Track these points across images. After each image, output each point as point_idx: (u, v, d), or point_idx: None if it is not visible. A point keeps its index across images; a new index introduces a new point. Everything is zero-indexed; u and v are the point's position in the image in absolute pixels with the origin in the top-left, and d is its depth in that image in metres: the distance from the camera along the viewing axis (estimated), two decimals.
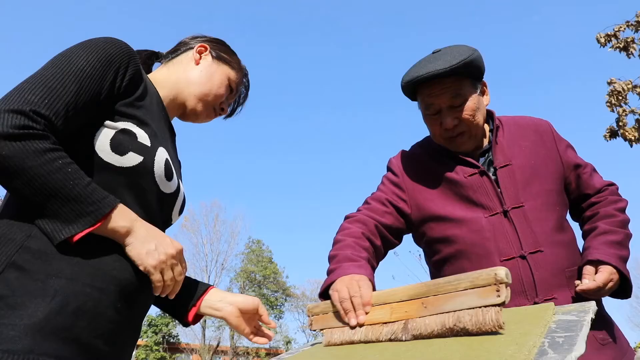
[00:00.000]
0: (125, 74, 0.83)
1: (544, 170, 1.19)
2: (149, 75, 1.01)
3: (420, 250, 1.38)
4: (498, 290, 0.73)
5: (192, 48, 1.06)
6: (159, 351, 24.88)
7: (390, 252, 1.30)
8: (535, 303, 1.08)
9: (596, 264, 1.08)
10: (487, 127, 1.27)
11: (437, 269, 1.23)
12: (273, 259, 29.66)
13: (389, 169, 1.33)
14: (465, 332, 0.75)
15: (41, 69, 0.76)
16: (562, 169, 1.22)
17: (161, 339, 25.56)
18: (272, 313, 29.14)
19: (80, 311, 0.68)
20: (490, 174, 1.19)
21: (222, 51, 1.08)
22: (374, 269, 1.15)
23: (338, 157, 44.66)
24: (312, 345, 1.06)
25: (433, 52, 1.21)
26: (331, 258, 1.13)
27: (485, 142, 1.25)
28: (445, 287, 0.80)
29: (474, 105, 1.17)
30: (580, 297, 1.08)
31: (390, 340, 0.84)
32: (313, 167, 44.28)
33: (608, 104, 7.64)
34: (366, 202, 1.28)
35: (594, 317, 0.79)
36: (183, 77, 1.02)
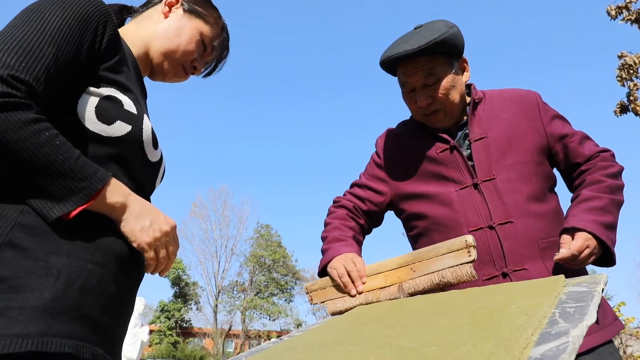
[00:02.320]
0: (104, 35, 0.77)
1: (522, 142, 1.19)
2: (120, 31, 0.92)
3: None
4: (469, 252, 0.98)
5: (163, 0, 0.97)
6: (172, 336, 25.36)
7: (399, 231, 1.38)
8: (504, 274, 1.09)
9: (572, 231, 1.07)
10: (468, 101, 1.28)
11: (414, 242, 1.28)
12: (282, 243, 29.90)
13: (375, 148, 1.39)
14: (448, 285, 1.00)
15: (10, 27, 0.68)
16: (545, 141, 1.21)
17: (174, 324, 26.02)
18: (282, 297, 29.52)
19: (85, 288, 0.66)
20: (464, 148, 1.21)
21: (195, 3, 0.99)
22: (360, 243, 1.31)
23: (347, 140, 44.54)
24: (320, 324, 1.07)
25: (415, 28, 1.22)
26: (323, 239, 1.28)
27: (465, 116, 1.26)
28: (428, 254, 1.03)
29: (448, 84, 1.18)
30: (557, 268, 1.07)
31: (389, 299, 1.04)
32: (321, 150, 44.23)
33: (619, 78, 7.49)
34: (350, 187, 1.39)
35: (605, 287, 0.79)
36: (151, 32, 0.94)
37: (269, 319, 28.27)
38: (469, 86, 1.29)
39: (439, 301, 0.89)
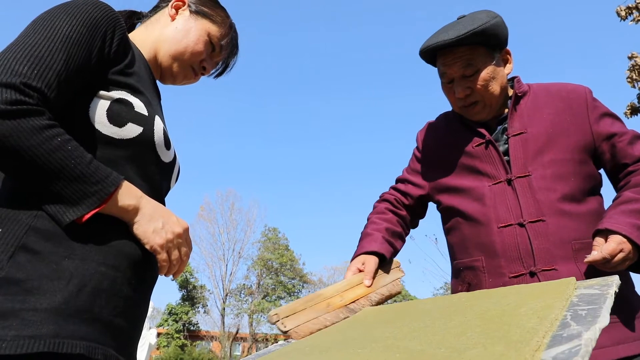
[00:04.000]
0: (113, 40, 0.78)
1: (563, 139, 1.14)
2: (129, 36, 0.93)
3: (437, 233, 1.50)
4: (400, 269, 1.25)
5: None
6: (180, 339, 25.42)
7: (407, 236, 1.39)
8: (531, 273, 1.07)
9: (605, 233, 1.02)
10: (510, 94, 1.26)
11: (447, 236, 1.29)
12: (289, 246, 29.90)
13: (415, 142, 1.40)
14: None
15: (22, 36, 0.70)
16: (590, 139, 1.15)
17: (182, 326, 26.09)
18: (289, 300, 29.49)
19: (97, 291, 0.67)
20: (501, 143, 1.19)
21: (202, 4, 0.99)
22: (396, 234, 1.30)
23: (354, 142, 44.52)
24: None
25: (457, 18, 1.21)
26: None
27: (507, 110, 1.23)
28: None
29: (488, 75, 1.16)
30: (591, 271, 1.03)
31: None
32: (328, 153, 44.24)
33: (629, 79, 7.43)
34: (395, 182, 1.42)
35: (617, 290, 0.78)
36: (160, 36, 0.95)
37: None
38: (513, 79, 1.26)
39: (448, 303, 0.88)
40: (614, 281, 0.80)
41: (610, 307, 0.66)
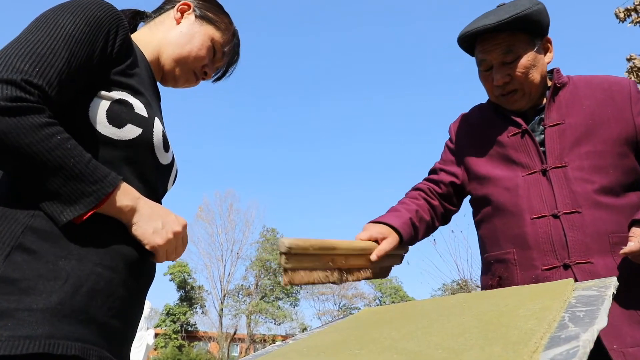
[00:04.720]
0: (116, 40, 0.78)
1: (603, 131, 1.11)
2: (132, 36, 0.93)
3: (435, 235, 1.46)
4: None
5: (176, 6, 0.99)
6: (178, 339, 25.38)
7: None
8: (565, 265, 1.04)
9: None
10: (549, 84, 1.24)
11: (477, 228, 1.26)
12: None
13: (448, 134, 1.39)
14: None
15: (25, 33, 0.70)
16: (632, 132, 1.12)
17: (179, 327, 26.05)
18: (287, 301, 29.48)
19: (94, 291, 0.67)
20: (537, 133, 1.17)
21: (207, 9, 1.00)
22: (421, 219, 1.26)
23: (353, 143, 44.56)
24: (326, 327, 1.07)
25: (497, 6, 1.19)
26: None
27: (544, 100, 1.21)
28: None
29: (528, 63, 1.14)
30: (628, 265, 1.00)
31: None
32: (327, 153, 44.28)
33: None
34: (428, 174, 1.40)
35: (615, 292, 0.78)
36: (163, 39, 0.95)
37: (274, 323, 28.22)
38: (552, 71, 1.24)
39: (446, 304, 0.88)
40: (612, 283, 0.80)
41: (608, 308, 0.67)
